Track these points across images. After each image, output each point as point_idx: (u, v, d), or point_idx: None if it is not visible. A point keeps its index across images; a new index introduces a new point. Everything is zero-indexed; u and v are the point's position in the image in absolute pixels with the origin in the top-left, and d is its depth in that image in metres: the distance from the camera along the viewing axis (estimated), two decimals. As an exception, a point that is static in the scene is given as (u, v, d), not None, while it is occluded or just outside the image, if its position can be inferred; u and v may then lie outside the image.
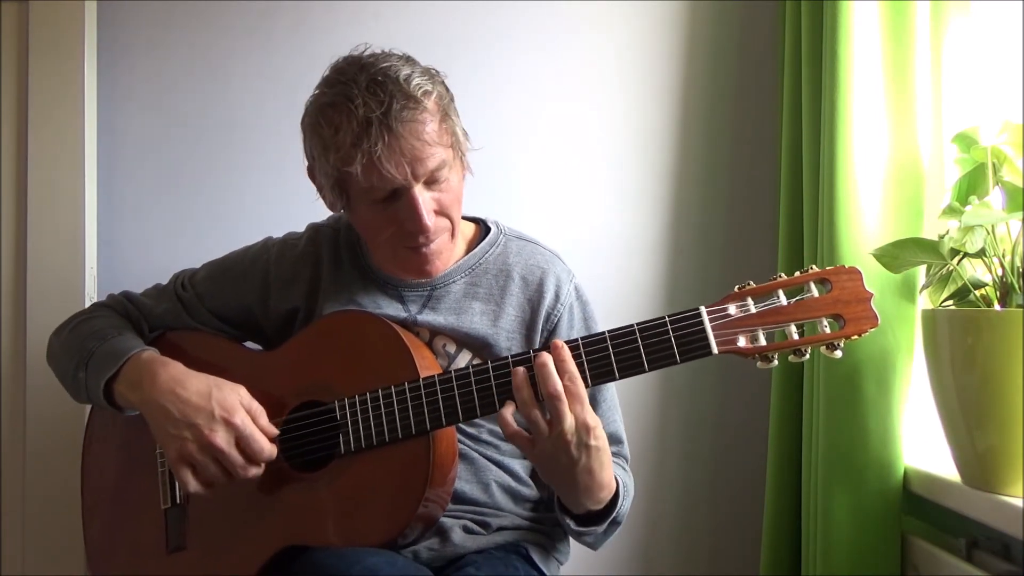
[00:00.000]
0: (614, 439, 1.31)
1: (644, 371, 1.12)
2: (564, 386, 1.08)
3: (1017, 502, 1.13)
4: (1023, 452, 1.14)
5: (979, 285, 1.25)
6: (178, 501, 1.27)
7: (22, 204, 1.67)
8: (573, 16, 1.77)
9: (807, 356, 1.10)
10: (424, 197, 1.19)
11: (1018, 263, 1.19)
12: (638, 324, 1.12)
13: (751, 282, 1.12)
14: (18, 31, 1.68)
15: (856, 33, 1.36)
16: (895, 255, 1.26)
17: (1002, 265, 1.21)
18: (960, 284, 1.25)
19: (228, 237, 1.45)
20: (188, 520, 1.26)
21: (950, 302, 1.27)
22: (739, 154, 1.77)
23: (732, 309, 1.11)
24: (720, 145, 1.77)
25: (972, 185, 1.25)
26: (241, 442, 1.17)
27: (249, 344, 1.39)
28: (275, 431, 1.20)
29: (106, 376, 1.23)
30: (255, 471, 1.18)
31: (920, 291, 1.33)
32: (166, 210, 1.75)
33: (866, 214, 1.35)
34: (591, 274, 1.39)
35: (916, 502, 1.35)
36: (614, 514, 1.20)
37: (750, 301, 1.11)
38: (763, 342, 1.10)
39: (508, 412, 1.11)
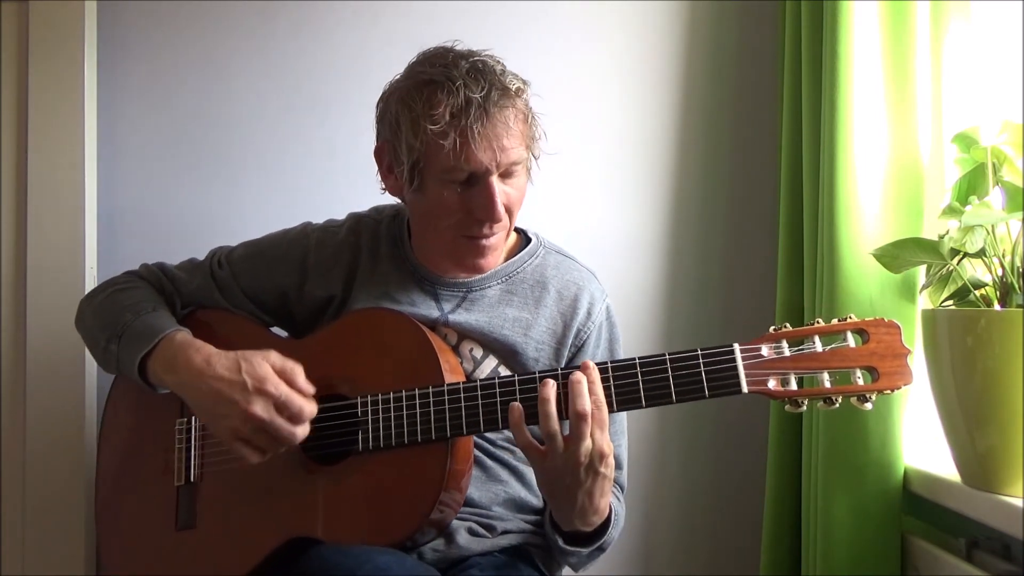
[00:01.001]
0: (615, 463, 1.30)
1: (671, 402, 1.11)
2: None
3: (1017, 502, 1.13)
4: (1023, 452, 1.14)
5: (979, 285, 1.25)
6: (191, 479, 1.27)
7: (22, 204, 1.67)
8: (573, 17, 1.77)
9: (837, 405, 1.09)
10: (498, 188, 1.21)
11: (1018, 263, 1.19)
12: (670, 354, 1.12)
13: (787, 325, 1.12)
14: (18, 31, 1.68)
15: (856, 33, 1.36)
16: (895, 255, 1.26)
17: (1002, 265, 1.21)
18: (960, 284, 1.25)
19: (229, 237, 1.45)
20: (200, 499, 1.26)
21: (950, 302, 1.27)
22: (739, 154, 1.77)
23: (765, 350, 1.10)
24: (720, 145, 1.77)
25: (972, 185, 1.25)
26: (280, 407, 1.16)
27: (275, 330, 1.38)
28: (312, 389, 1.19)
29: (141, 353, 1.23)
30: (303, 431, 1.16)
31: (920, 291, 1.33)
32: (166, 210, 1.75)
33: (866, 214, 1.35)
34: (591, 274, 1.40)
35: (916, 502, 1.35)
36: (601, 540, 1.20)
37: (784, 344, 1.10)
38: (794, 387, 1.09)
39: (522, 418, 1.11)
